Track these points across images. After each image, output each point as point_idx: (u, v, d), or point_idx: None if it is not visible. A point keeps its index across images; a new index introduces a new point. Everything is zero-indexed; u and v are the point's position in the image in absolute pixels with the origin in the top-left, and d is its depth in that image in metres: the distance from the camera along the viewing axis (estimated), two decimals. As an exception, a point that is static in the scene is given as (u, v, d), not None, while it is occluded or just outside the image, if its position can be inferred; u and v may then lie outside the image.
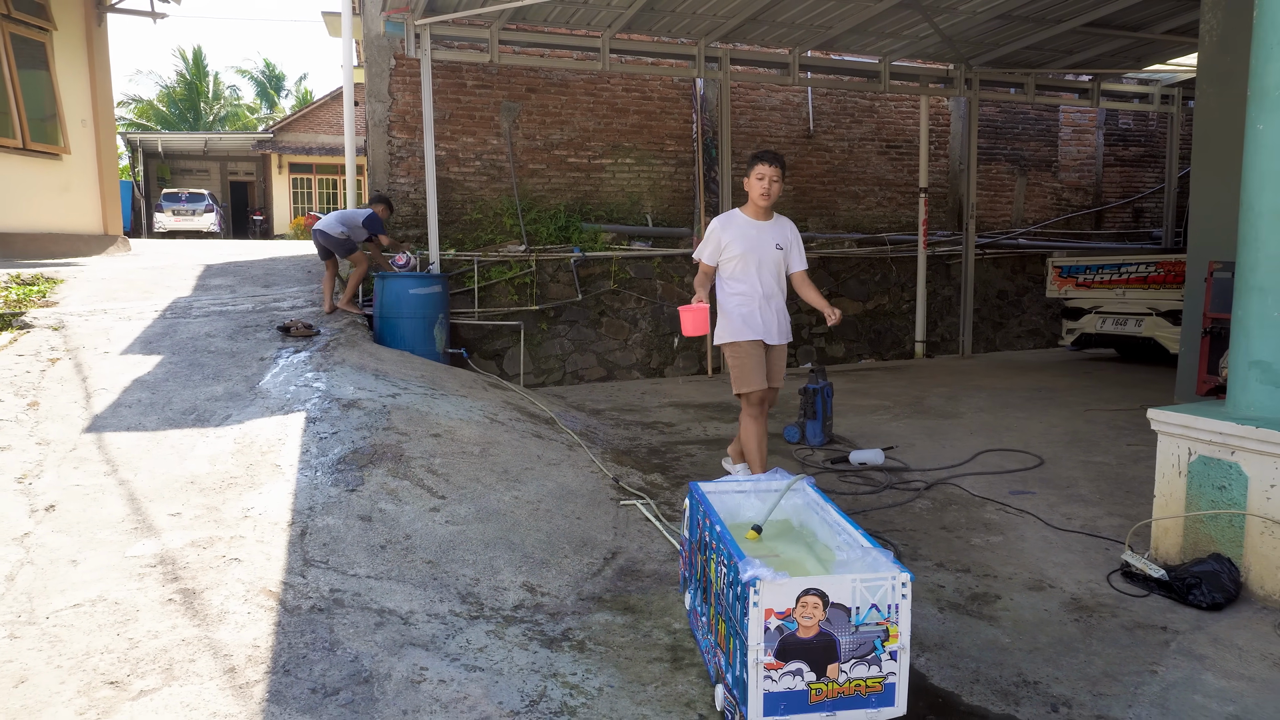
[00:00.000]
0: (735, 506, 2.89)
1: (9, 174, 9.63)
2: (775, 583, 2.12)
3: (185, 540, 3.37)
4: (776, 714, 2.18)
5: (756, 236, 4.30)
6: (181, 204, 23.92)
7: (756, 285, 4.31)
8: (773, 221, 4.39)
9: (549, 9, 7.62)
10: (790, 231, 4.43)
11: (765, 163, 4.22)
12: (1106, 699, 2.63)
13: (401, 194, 8.38)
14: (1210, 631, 3.05)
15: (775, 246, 4.31)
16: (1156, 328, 8.48)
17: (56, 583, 3.00)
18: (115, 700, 2.36)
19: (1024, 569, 3.65)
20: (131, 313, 6.81)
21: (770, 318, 4.34)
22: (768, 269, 4.31)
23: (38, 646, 2.60)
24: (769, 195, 4.24)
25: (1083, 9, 7.93)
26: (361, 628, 2.84)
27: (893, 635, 2.19)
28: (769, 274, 4.32)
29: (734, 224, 4.36)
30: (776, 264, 4.35)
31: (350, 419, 4.75)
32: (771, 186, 4.22)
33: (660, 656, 2.83)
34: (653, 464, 5.25)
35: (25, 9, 9.88)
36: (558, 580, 3.41)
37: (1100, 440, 5.72)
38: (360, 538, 3.51)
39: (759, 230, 4.32)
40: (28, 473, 3.92)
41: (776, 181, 4.22)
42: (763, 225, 4.34)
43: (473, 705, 2.45)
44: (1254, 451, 3.26)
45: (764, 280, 4.31)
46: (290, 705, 2.38)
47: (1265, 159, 3.31)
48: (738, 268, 4.32)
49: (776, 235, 4.34)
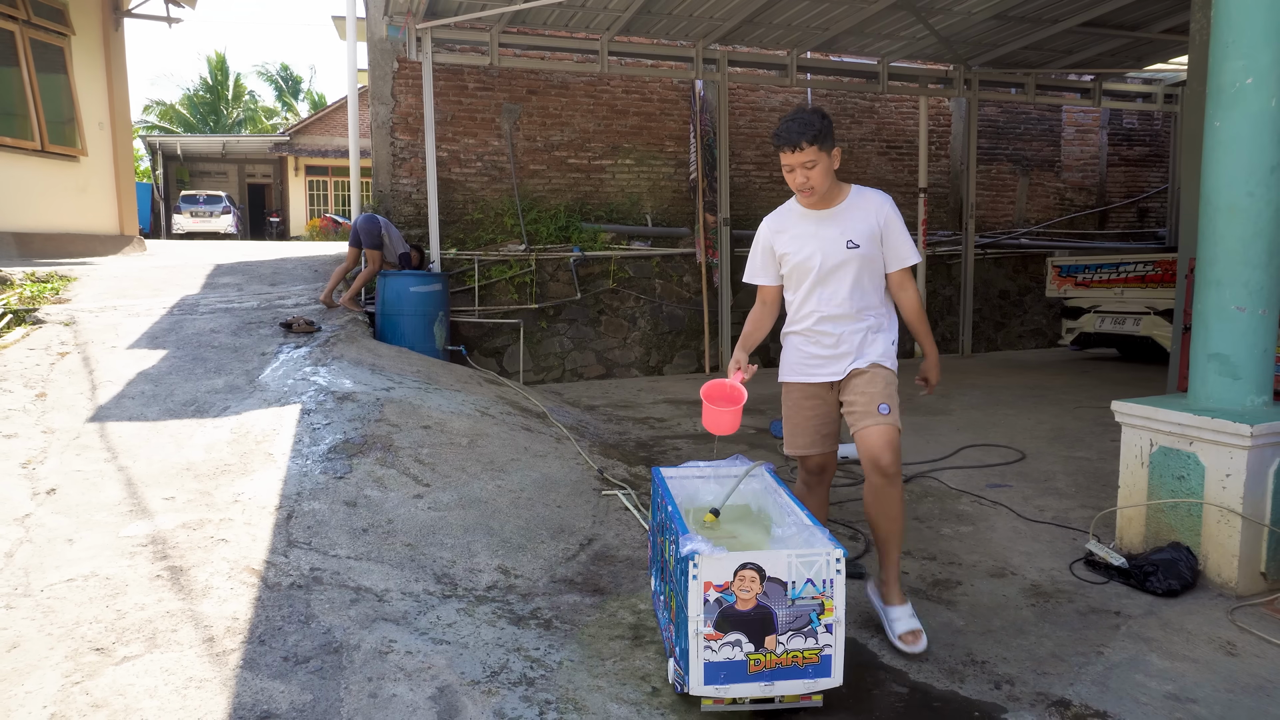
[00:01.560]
0: (694, 491, 3.00)
1: (28, 175, 9.88)
2: (713, 556, 2.24)
3: (177, 522, 3.52)
4: (717, 682, 2.29)
5: (813, 233, 3.00)
6: (199, 206, 24.30)
7: (813, 303, 3.03)
8: (840, 207, 2.99)
9: (548, 12, 7.76)
10: (874, 213, 2.97)
11: (785, 149, 2.88)
12: (1049, 678, 2.72)
13: (404, 194, 8.55)
14: (1162, 616, 3.13)
15: (845, 244, 2.94)
16: (1154, 326, 8.50)
17: (53, 559, 3.16)
18: (100, 665, 2.51)
19: (989, 557, 3.74)
20: (140, 309, 7.01)
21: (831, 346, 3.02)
22: (834, 278, 2.98)
23: (31, 616, 2.76)
24: (809, 189, 2.90)
25: (1078, 9, 7.99)
26: (337, 603, 2.98)
27: (828, 609, 2.30)
28: (837, 285, 2.98)
29: (786, 221, 3.09)
30: (849, 269, 2.96)
31: (344, 411, 4.90)
32: (808, 177, 2.88)
33: (622, 635, 2.95)
34: (639, 457, 5.37)
35: (45, 15, 10.14)
36: (532, 564, 3.53)
37: (1085, 436, 5.78)
38: (344, 521, 3.65)
39: (817, 224, 3.00)
40: (32, 459, 4.10)
41: (811, 167, 2.85)
42: (822, 216, 3.00)
43: (435, 675, 2.58)
44: (1210, 442, 3.34)
45: (825, 295, 3.00)
46: (262, 672, 2.52)
47: (1222, 155, 3.39)
48: (792, 279, 3.09)
49: (846, 226, 2.95)
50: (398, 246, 7.74)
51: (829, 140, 2.88)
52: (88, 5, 10.90)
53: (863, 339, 3.01)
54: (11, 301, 6.77)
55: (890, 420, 2.88)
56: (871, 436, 2.87)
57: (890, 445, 2.87)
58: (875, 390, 2.93)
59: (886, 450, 2.85)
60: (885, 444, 2.86)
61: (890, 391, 2.95)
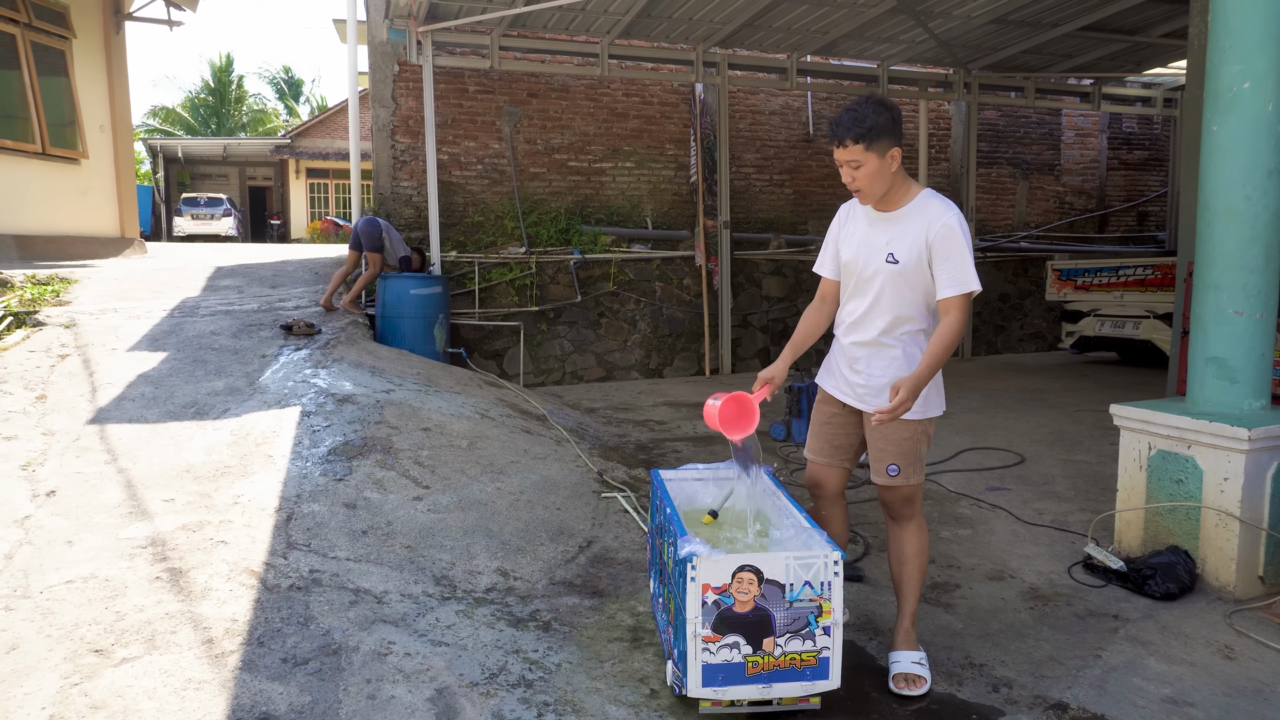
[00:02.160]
0: (693, 493, 3.01)
1: (29, 178, 9.90)
2: (711, 558, 2.24)
3: (176, 524, 3.53)
4: (715, 684, 2.29)
5: (864, 235, 2.74)
6: (200, 208, 24.33)
7: (846, 312, 2.82)
8: (900, 212, 2.66)
9: (548, 16, 7.78)
10: (927, 228, 2.59)
11: (835, 144, 2.61)
12: (1047, 680, 2.73)
13: (404, 197, 8.57)
14: (1160, 620, 3.14)
15: (886, 256, 2.64)
16: (1154, 330, 8.51)
17: (52, 561, 3.16)
18: (99, 666, 2.51)
19: (987, 560, 3.75)
20: (141, 312, 7.01)
21: (850, 365, 2.79)
22: (870, 289, 2.70)
23: (30, 618, 2.76)
24: (862, 192, 2.64)
25: (1078, 13, 8.01)
26: (336, 605, 2.98)
27: (826, 611, 2.30)
28: (871, 297, 2.70)
29: (853, 211, 2.83)
30: (881, 283, 2.67)
31: (344, 413, 4.91)
32: (854, 177, 2.61)
33: (621, 637, 2.95)
34: (639, 459, 5.37)
35: (46, 18, 10.16)
36: (531, 566, 3.54)
37: (1084, 440, 5.79)
38: (343, 523, 3.65)
39: (869, 226, 2.73)
40: (32, 461, 4.10)
41: (860, 165, 2.57)
42: (877, 218, 2.71)
43: (434, 676, 2.58)
44: (1208, 445, 3.34)
45: (858, 306, 2.75)
46: (261, 673, 2.52)
47: (1220, 160, 3.40)
48: (841, 277, 2.86)
49: (895, 235, 2.64)
50: (398, 249, 7.75)
51: (883, 139, 2.54)
52: (89, 8, 10.93)
53: (884, 368, 2.70)
54: (12, 304, 6.77)
55: (898, 482, 2.71)
56: (880, 493, 2.80)
57: (896, 499, 2.76)
58: (886, 447, 2.72)
59: (893, 503, 2.79)
60: (890, 500, 2.78)
61: (904, 449, 2.70)
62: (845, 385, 2.81)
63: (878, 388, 2.70)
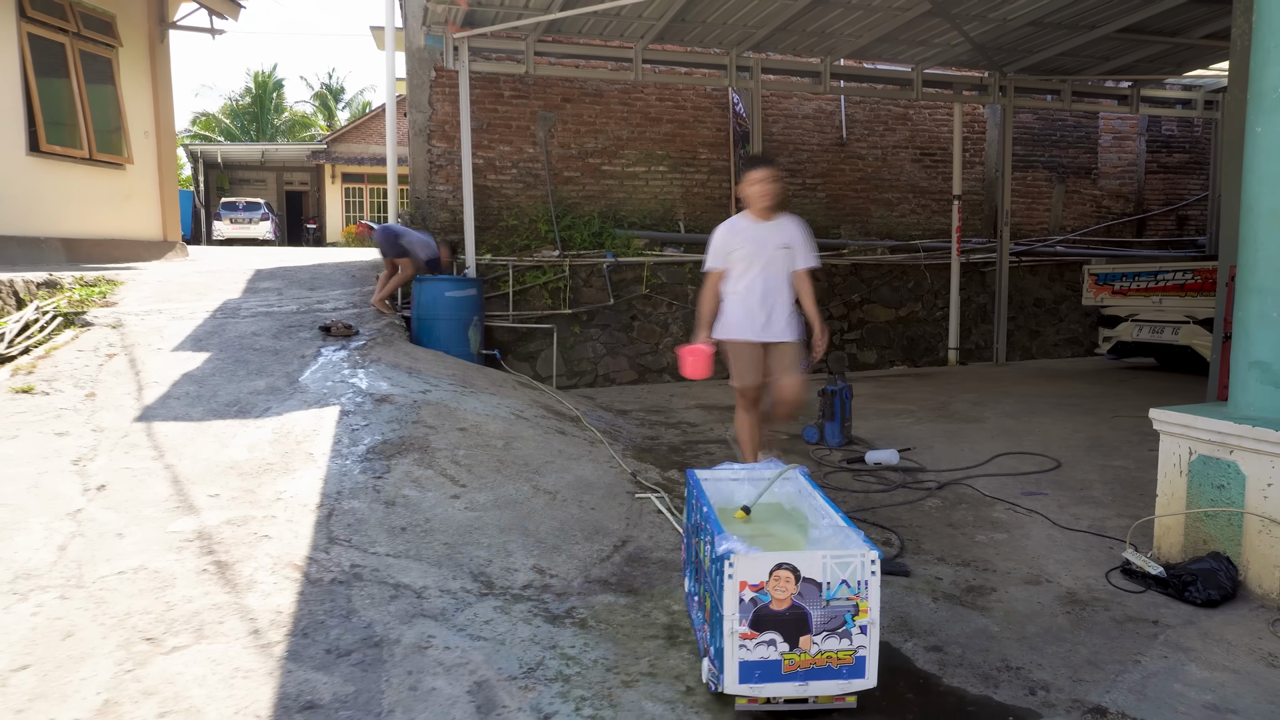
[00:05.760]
0: (730, 492, 3.03)
1: (76, 183, 10.16)
2: (749, 556, 2.27)
3: (222, 518, 3.61)
4: (752, 681, 2.31)
5: (760, 237, 4.40)
6: (239, 213, 24.80)
7: (756, 284, 4.38)
8: (776, 221, 4.45)
9: (584, 21, 7.85)
10: (798, 229, 4.48)
11: (759, 167, 4.39)
12: (1085, 684, 2.71)
13: (440, 201, 8.68)
14: (1201, 626, 3.10)
15: (781, 246, 4.40)
16: (1194, 336, 8.37)
17: (104, 553, 3.26)
18: (150, 654, 2.59)
19: (1024, 564, 3.72)
20: (184, 313, 7.17)
21: (767, 316, 4.41)
22: (773, 268, 4.39)
23: (84, 607, 2.85)
24: (768, 195, 4.36)
25: (1116, 14, 7.92)
26: (377, 599, 3.05)
27: (863, 610, 2.31)
28: (773, 273, 4.40)
29: (737, 227, 4.48)
30: (782, 263, 4.42)
31: (382, 413, 4.99)
32: (770, 188, 4.36)
33: (656, 634, 2.98)
34: (672, 461, 5.40)
35: (94, 27, 10.44)
36: (567, 564, 3.58)
37: (1122, 445, 5.72)
38: (383, 520, 3.72)
39: (762, 230, 4.42)
40: (83, 456, 4.22)
41: (774, 182, 4.36)
42: (766, 225, 4.43)
43: (473, 670, 2.63)
44: (1251, 451, 3.30)
45: (766, 279, 4.38)
46: (306, 663, 2.59)
47: (1263, 161, 3.36)
48: (738, 268, 4.42)
49: (782, 234, 4.42)
50: (421, 252, 7.74)
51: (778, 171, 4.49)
52: (134, 17, 11.21)
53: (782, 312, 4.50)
54: (61, 305, 6.96)
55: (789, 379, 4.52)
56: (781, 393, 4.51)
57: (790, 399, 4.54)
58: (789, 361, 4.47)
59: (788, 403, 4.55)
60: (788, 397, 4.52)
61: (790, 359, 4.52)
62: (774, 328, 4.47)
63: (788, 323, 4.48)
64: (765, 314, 4.40)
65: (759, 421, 4.58)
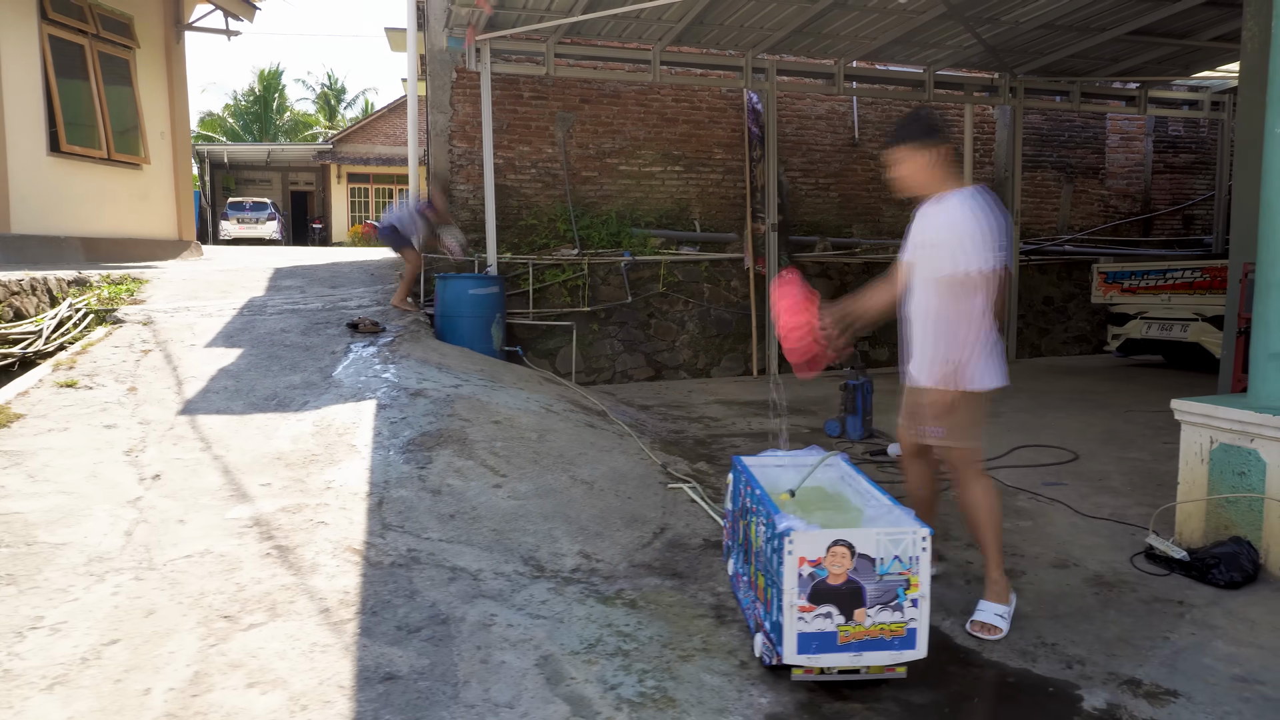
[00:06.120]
0: (775, 478, 3.16)
1: (95, 182, 10.29)
2: (807, 533, 2.40)
3: (276, 506, 3.74)
4: (809, 652, 2.44)
5: (914, 225, 3.21)
6: (245, 212, 24.95)
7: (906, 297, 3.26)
8: (932, 202, 3.12)
9: (603, 24, 7.97)
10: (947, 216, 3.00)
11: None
12: (1119, 659, 2.84)
13: (461, 200, 8.80)
14: (1225, 606, 3.23)
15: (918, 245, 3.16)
16: (1202, 333, 8.50)
17: (169, 538, 3.39)
18: (230, 630, 2.72)
19: (1050, 549, 3.86)
20: (212, 310, 7.30)
21: (910, 344, 3.25)
22: (915, 275, 3.18)
23: (160, 587, 2.98)
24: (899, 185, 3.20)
25: (1126, 17, 8.05)
26: (436, 581, 3.17)
27: (914, 584, 2.44)
28: (914, 283, 3.19)
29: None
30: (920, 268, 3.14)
31: (417, 406, 5.12)
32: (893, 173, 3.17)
33: (705, 614, 3.11)
34: (699, 453, 5.53)
35: (112, 29, 10.56)
36: (610, 550, 3.71)
37: (1137, 439, 5.85)
38: (431, 508, 3.85)
39: (919, 216, 3.19)
40: (134, 447, 4.35)
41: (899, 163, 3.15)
42: (923, 210, 3.17)
43: (537, 645, 2.76)
44: (1272, 439, 3.43)
45: (910, 291, 3.22)
46: (379, 639, 2.72)
47: (1283, 161, 3.49)
48: None
49: (924, 225, 3.13)
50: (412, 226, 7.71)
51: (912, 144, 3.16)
52: (151, 19, 11.33)
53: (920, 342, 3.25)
54: (91, 302, 7.09)
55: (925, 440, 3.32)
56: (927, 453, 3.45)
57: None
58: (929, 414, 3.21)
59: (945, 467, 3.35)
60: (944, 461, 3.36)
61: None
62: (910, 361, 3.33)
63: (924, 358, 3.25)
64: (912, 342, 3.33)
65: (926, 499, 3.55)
